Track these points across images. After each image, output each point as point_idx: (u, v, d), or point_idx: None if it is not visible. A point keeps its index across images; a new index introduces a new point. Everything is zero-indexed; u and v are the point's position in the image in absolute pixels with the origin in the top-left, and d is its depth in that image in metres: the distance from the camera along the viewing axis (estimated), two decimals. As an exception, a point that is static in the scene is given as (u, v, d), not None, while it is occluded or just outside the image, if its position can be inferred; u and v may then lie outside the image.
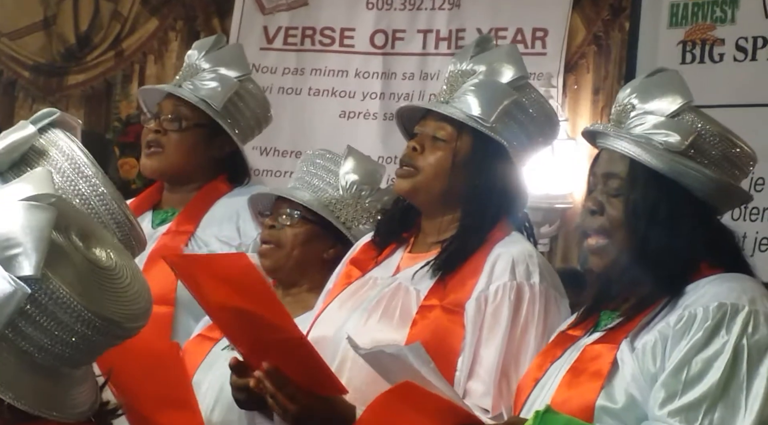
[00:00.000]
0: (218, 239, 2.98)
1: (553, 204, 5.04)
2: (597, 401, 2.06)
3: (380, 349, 2.08)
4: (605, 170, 2.17)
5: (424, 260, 2.39)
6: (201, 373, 2.64)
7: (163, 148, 3.02)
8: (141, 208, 3.10)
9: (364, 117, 5.43)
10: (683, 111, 2.15)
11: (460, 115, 2.37)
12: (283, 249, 2.70)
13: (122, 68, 5.73)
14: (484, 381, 2.25)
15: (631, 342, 2.09)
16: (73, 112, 5.72)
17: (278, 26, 5.55)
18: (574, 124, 5.12)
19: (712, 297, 2.06)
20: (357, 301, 2.40)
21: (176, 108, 3.02)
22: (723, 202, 2.19)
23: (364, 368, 2.29)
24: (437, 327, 2.29)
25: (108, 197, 1.75)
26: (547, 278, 2.34)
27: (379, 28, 5.45)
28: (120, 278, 1.56)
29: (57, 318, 1.49)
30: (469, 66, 2.42)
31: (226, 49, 3.14)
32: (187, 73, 3.06)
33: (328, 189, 2.71)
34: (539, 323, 2.29)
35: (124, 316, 1.54)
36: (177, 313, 2.87)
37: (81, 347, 1.52)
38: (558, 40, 5.18)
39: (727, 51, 4.66)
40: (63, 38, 5.71)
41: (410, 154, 2.40)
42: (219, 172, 3.08)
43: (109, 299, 1.53)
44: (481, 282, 2.32)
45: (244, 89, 3.06)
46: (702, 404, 1.99)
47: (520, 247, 2.37)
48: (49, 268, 1.48)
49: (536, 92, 2.47)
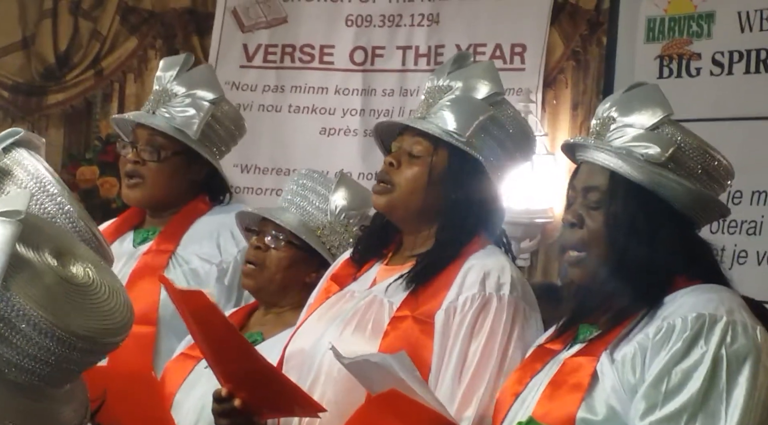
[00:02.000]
0: (199, 257, 2.98)
1: (533, 219, 5.06)
2: (578, 413, 2.07)
3: (365, 358, 2.09)
4: (585, 183, 2.19)
5: (399, 273, 2.40)
6: (183, 392, 2.64)
7: (144, 179, 3.01)
8: (122, 227, 3.10)
9: (345, 133, 5.44)
10: (663, 124, 2.17)
11: (436, 130, 2.38)
12: (267, 271, 2.70)
13: (102, 87, 5.72)
14: (449, 390, 2.25)
15: (610, 354, 2.10)
16: (53, 131, 5.72)
17: (258, 44, 5.55)
18: (553, 139, 5.14)
19: (690, 308, 2.07)
20: (334, 314, 2.42)
21: (152, 137, 3.01)
22: (702, 214, 2.20)
23: (338, 381, 2.31)
24: (408, 337, 2.30)
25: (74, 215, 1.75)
26: (518, 290, 2.34)
27: (359, 45, 5.47)
28: (96, 294, 1.55)
29: (25, 334, 1.49)
30: (446, 82, 2.44)
31: (197, 70, 3.12)
32: (160, 99, 3.04)
33: (317, 213, 2.71)
34: (505, 334, 2.29)
35: (98, 331, 1.53)
36: (159, 332, 2.87)
37: (55, 364, 1.52)
38: (536, 56, 5.20)
39: (704, 65, 4.70)
40: (42, 58, 5.70)
41: (387, 169, 2.42)
42: (199, 192, 3.09)
43: (82, 315, 1.52)
44: (452, 293, 2.33)
45: (219, 111, 3.05)
46: (682, 414, 2.00)
47: (494, 259, 2.38)
48: (14, 283, 1.48)
49: (512, 108, 2.48)
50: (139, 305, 2.85)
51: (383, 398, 2.03)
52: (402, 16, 5.40)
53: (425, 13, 5.37)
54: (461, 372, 2.27)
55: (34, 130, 5.71)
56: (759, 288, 3.96)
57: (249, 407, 2.32)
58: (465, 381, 2.26)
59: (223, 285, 2.96)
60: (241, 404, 2.30)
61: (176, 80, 3.04)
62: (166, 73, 3.07)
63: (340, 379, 2.31)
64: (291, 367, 2.42)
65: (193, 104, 3.00)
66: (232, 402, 2.31)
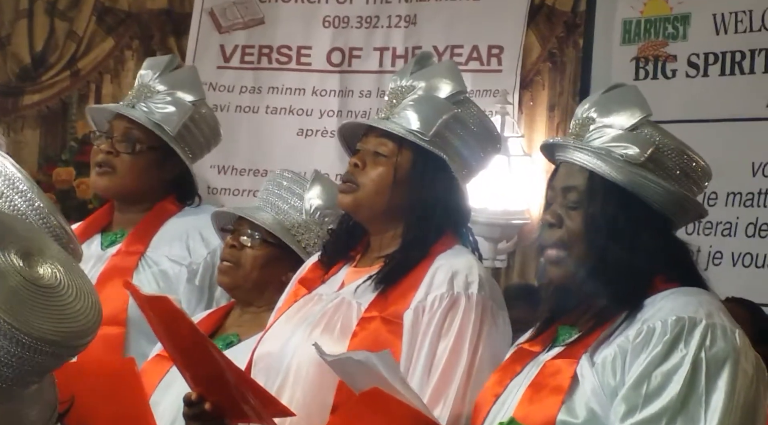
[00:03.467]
0: (168, 258, 2.97)
1: (510, 220, 5.06)
2: (558, 416, 2.07)
3: (348, 356, 2.09)
4: (564, 183, 2.19)
5: (367, 274, 2.40)
6: (159, 393, 2.63)
7: (115, 169, 3.00)
8: (90, 229, 3.08)
9: (322, 135, 5.44)
10: (642, 124, 2.18)
11: (400, 129, 2.38)
12: (242, 269, 2.70)
13: (78, 88, 5.70)
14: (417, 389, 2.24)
15: (590, 356, 2.10)
16: (29, 132, 5.70)
17: (235, 45, 5.55)
18: (530, 140, 5.15)
19: (669, 311, 2.08)
20: (302, 317, 2.42)
21: (128, 130, 3.00)
22: (680, 215, 2.21)
23: (307, 383, 2.32)
24: (376, 338, 2.31)
25: (45, 210, 1.74)
26: (485, 289, 2.35)
27: (336, 46, 5.47)
28: (62, 295, 1.54)
29: None
30: (409, 82, 2.44)
31: (180, 71, 3.13)
32: (141, 94, 3.04)
33: (292, 212, 2.71)
34: (474, 332, 2.30)
35: (62, 335, 1.51)
36: (128, 333, 2.86)
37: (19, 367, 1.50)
38: (513, 57, 5.22)
39: (680, 67, 4.72)
40: (18, 58, 5.67)
41: (352, 170, 2.42)
42: (168, 191, 3.07)
43: (46, 318, 1.50)
44: (420, 293, 2.34)
45: (198, 113, 3.05)
46: (662, 418, 2.01)
47: (462, 259, 2.38)
48: None
49: (476, 107, 2.48)
50: (108, 306, 2.82)
51: (366, 396, 2.03)
52: (379, 17, 5.41)
53: (402, 15, 5.38)
54: (429, 371, 2.28)
55: (10, 131, 5.69)
56: (734, 289, 3.98)
57: (220, 410, 2.32)
58: (433, 380, 2.27)
59: (194, 286, 2.96)
60: (212, 407, 2.31)
61: (159, 79, 3.04)
62: (149, 71, 3.07)
63: (309, 381, 2.32)
64: (259, 370, 2.42)
65: (174, 102, 3.00)
66: (202, 405, 2.32)
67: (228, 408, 2.32)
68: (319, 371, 2.29)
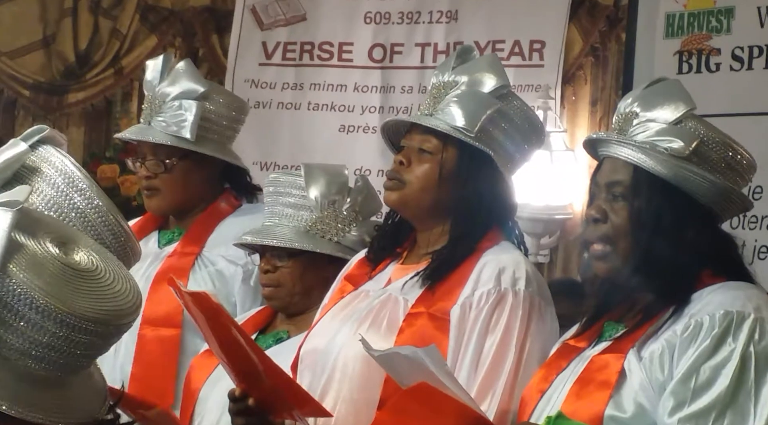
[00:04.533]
0: (225, 258, 2.98)
1: (552, 215, 5.05)
2: (606, 411, 2.07)
3: (395, 351, 2.09)
4: (608, 179, 2.18)
5: (414, 271, 2.40)
6: (207, 388, 2.65)
7: (159, 190, 3.03)
8: (147, 227, 3.11)
9: (363, 131, 5.44)
10: (686, 118, 2.17)
11: (445, 126, 2.38)
12: (284, 288, 2.71)
13: (122, 85, 5.74)
14: (464, 385, 2.23)
15: (637, 351, 2.11)
16: (74, 129, 5.75)
17: (277, 41, 5.56)
18: (572, 135, 5.14)
19: (717, 306, 2.08)
20: (348, 313, 2.42)
21: (155, 149, 3.03)
22: (725, 208, 2.20)
23: (353, 379, 2.32)
24: (423, 334, 2.31)
25: (104, 209, 1.76)
26: (533, 285, 2.34)
27: (378, 42, 5.47)
28: (101, 278, 1.56)
29: (30, 320, 1.49)
30: (451, 77, 2.43)
31: (178, 68, 3.09)
32: (152, 107, 3.05)
33: (303, 213, 2.71)
34: (521, 329, 2.30)
35: (105, 313, 1.53)
36: (184, 334, 2.88)
37: (66, 349, 1.52)
38: (555, 52, 5.20)
39: (724, 60, 4.68)
40: (62, 56, 5.73)
41: (397, 168, 2.42)
42: (221, 187, 3.09)
43: (89, 298, 1.52)
44: (467, 289, 2.33)
45: (211, 104, 3.05)
46: (711, 412, 2.01)
47: (509, 255, 2.38)
48: (15, 270, 1.49)
49: (519, 100, 2.48)
50: (163, 308, 2.88)
51: (413, 390, 2.02)
52: (420, 13, 5.41)
53: (444, 10, 5.37)
54: (476, 367, 2.28)
55: (55, 129, 5.73)
56: (780, 284, 3.95)
57: (263, 406, 2.33)
58: (480, 376, 2.27)
59: (249, 287, 2.97)
60: (255, 403, 2.31)
61: (162, 83, 3.05)
62: (151, 78, 3.08)
63: (355, 377, 2.33)
64: (306, 366, 2.43)
65: (182, 106, 3.01)
66: (246, 401, 2.33)
67: (271, 404, 2.33)
68: (366, 367, 2.30)
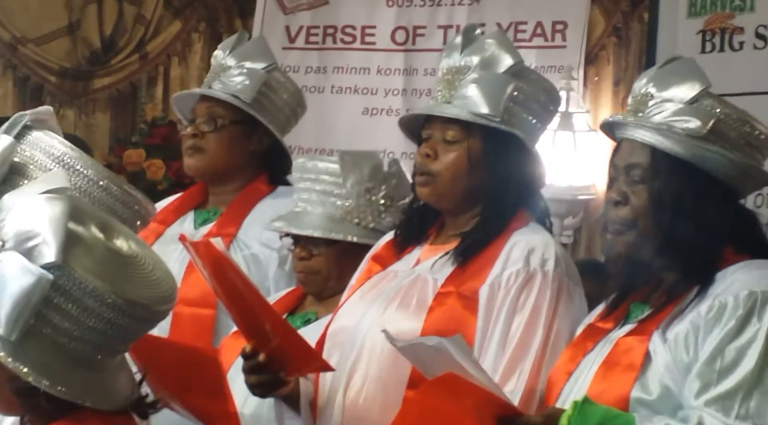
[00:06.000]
0: (260, 242, 2.97)
1: (576, 195, 5.05)
2: (632, 393, 2.08)
3: (420, 341, 2.09)
4: (627, 161, 2.18)
5: (443, 251, 2.40)
6: (235, 369, 2.66)
7: (202, 149, 3.02)
8: (183, 207, 3.10)
9: (387, 113, 5.45)
10: (702, 97, 2.16)
11: (468, 115, 2.36)
12: (320, 274, 2.71)
13: (147, 71, 5.78)
14: (491, 364, 2.26)
15: (662, 333, 2.11)
16: (100, 115, 5.79)
17: (300, 25, 5.58)
18: (595, 115, 5.13)
19: (742, 286, 2.08)
20: (376, 293, 2.42)
21: (210, 109, 3.03)
22: (745, 184, 2.20)
23: (382, 358, 2.33)
24: (452, 314, 2.31)
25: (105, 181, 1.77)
26: (561, 265, 2.34)
27: (400, 25, 5.48)
28: (143, 265, 1.59)
29: (83, 305, 1.52)
30: (462, 61, 2.40)
31: (249, 43, 3.14)
32: (215, 73, 3.07)
33: (335, 200, 2.70)
34: (549, 309, 2.30)
35: (150, 299, 1.57)
36: (219, 315, 2.87)
37: (110, 333, 1.55)
38: (578, 33, 5.19)
39: (747, 39, 4.66)
40: (88, 42, 5.76)
41: (423, 161, 2.40)
42: (260, 169, 3.08)
43: (134, 283, 1.56)
44: (496, 269, 2.33)
45: (273, 79, 3.06)
46: (738, 392, 2.01)
47: (538, 236, 2.38)
48: (70, 256, 1.51)
49: (533, 73, 2.47)
50: (198, 288, 2.85)
51: (440, 381, 2.02)
52: (443, -5, 5.41)
53: (466, -8, 5.38)
54: (504, 347, 2.28)
55: (82, 115, 5.79)
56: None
57: (275, 363, 2.32)
58: (507, 355, 2.27)
59: (284, 272, 2.95)
60: (266, 359, 2.31)
61: (230, 55, 3.07)
62: (221, 52, 3.10)
63: (384, 356, 2.33)
64: (333, 345, 2.43)
65: (247, 72, 3.02)
66: (257, 357, 2.32)
67: (281, 363, 2.32)
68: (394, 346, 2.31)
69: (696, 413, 2.03)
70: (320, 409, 2.39)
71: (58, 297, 1.52)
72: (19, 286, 1.50)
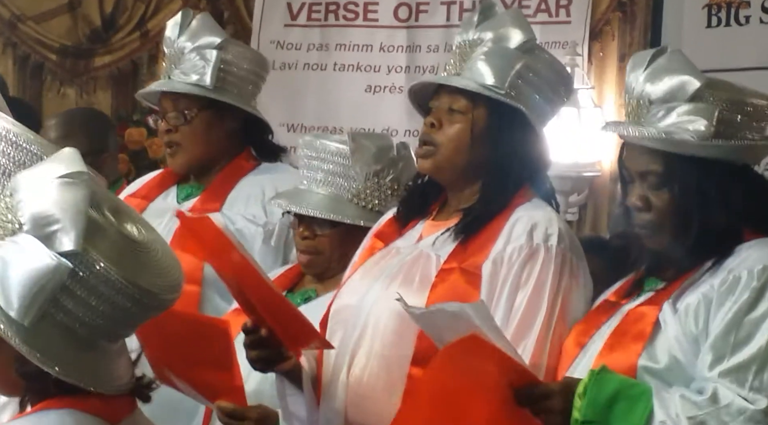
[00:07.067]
0: (244, 217, 2.97)
1: (581, 172, 5.03)
2: (639, 362, 2.10)
3: (440, 307, 2.07)
4: (640, 168, 2.19)
5: (445, 227, 2.40)
6: (236, 346, 2.66)
7: (180, 144, 3.02)
8: (166, 181, 3.11)
9: (390, 91, 5.43)
10: (700, 91, 2.16)
11: (474, 85, 2.36)
12: (323, 255, 2.70)
13: (148, 49, 5.75)
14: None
15: (673, 303, 2.12)
16: (101, 93, 5.77)
17: (302, 2, 5.55)
18: (600, 91, 5.10)
19: (756, 261, 2.10)
20: (379, 270, 2.42)
21: (176, 102, 3.02)
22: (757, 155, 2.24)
23: (385, 335, 2.32)
24: (455, 289, 2.30)
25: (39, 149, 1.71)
26: (565, 241, 2.33)
27: (403, 1, 5.45)
28: (153, 251, 1.59)
29: (97, 291, 1.52)
30: (475, 35, 2.41)
31: (196, 21, 3.09)
32: (172, 62, 3.05)
33: (342, 181, 2.69)
34: (553, 284, 2.29)
35: (160, 287, 1.57)
36: (204, 292, 2.88)
37: (119, 319, 1.55)
38: (582, 8, 5.16)
39: (753, 13, 4.63)
40: (88, 20, 5.73)
41: (428, 130, 2.40)
42: (242, 145, 3.07)
43: (146, 271, 1.56)
44: (499, 244, 2.33)
45: (229, 54, 3.04)
46: (751, 365, 2.03)
47: (541, 211, 2.37)
48: (87, 243, 1.51)
49: (546, 53, 2.47)
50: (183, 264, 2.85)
51: (464, 342, 2.00)
52: (446, -30, 5.38)
53: (469, -33, 5.34)
54: (508, 322, 2.28)
55: (82, 93, 5.77)
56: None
57: (276, 339, 2.32)
58: (511, 330, 2.27)
59: (270, 247, 2.96)
60: (268, 333, 2.30)
61: (181, 38, 3.04)
62: (170, 34, 3.07)
63: (387, 333, 2.33)
64: (336, 322, 2.43)
65: (200, 55, 3.00)
66: (259, 332, 2.32)
67: (282, 338, 2.32)
68: (398, 323, 2.30)
69: (711, 384, 2.04)
70: (324, 386, 2.39)
71: (75, 284, 1.52)
72: (37, 272, 1.49)
